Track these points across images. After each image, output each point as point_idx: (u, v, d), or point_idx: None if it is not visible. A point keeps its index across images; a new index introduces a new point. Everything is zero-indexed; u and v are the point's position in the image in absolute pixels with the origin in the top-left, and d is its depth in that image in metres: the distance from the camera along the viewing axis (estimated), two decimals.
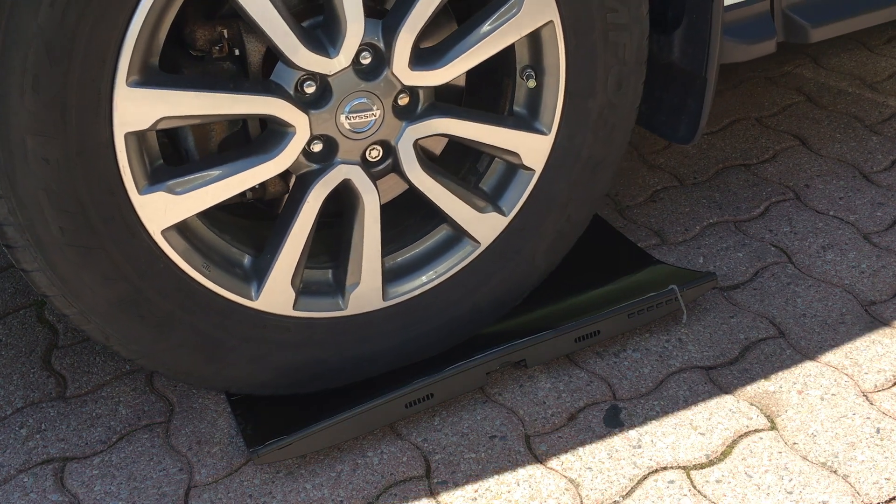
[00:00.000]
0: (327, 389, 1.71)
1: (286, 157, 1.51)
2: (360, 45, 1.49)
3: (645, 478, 1.57)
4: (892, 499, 1.49)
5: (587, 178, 1.73)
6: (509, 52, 1.62)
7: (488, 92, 1.73)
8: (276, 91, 1.47)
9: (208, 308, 1.55)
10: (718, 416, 1.66)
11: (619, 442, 1.63)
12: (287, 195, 1.63)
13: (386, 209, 1.63)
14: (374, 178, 1.59)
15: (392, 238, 1.70)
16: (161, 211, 1.45)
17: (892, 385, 1.69)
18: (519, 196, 1.69)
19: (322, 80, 1.50)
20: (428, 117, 1.59)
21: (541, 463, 1.61)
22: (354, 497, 1.58)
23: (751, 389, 1.71)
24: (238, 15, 1.46)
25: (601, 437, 1.64)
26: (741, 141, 2.39)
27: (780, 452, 1.58)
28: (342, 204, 1.62)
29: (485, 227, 1.69)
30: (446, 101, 1.67)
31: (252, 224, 1.71)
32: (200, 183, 1.47)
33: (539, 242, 1.75)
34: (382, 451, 1.66)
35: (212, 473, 1.64)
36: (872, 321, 1.82)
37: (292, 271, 1.57)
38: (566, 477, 1.58)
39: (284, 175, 1.58)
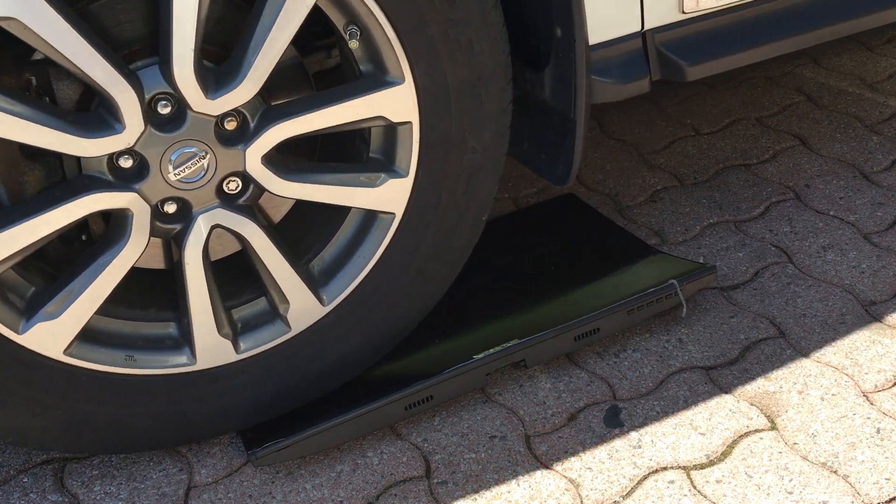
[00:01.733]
0: (325, 392, 1.71)
1: (137, 241, 1.46)
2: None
3: (645, 478, 1.56)
4: (893, 499, 1.49)
5: (445, 235, 1.66)
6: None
7: (342, 145, 1.69)
8: (91, 185, 1.41)
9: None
10: (718, 416, 1.66)
11: (619, 442, 1.63)
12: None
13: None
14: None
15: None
16: None
17: (892, 385, 1.69)
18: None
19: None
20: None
21: (541, 463, 1.61)
22: (354, 497, 1.58)
23: (751, 389, 1.71)
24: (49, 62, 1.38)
25: (601, 437, 1.64)
26: (741, 141, 2.39)
27: (781, 452, 1.58)
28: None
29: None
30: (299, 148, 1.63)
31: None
32: (68, 302, 1.46)
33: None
34: (382, 451, 1.66)
35: (212, 473, 1.64)
36: (872, 321, 1.82)
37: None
38: (566, 477, 1.58)
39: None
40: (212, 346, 1.57)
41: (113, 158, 1.42)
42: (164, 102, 1.41)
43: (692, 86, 2.62)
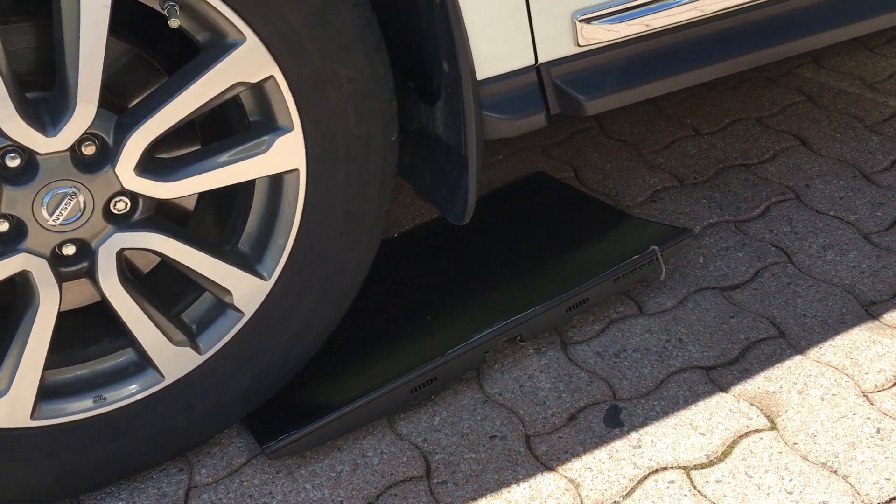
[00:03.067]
0: (330, 382, 1.71)
1: (49, 295, 1.40)
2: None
3: (645, 478, 1.56)
4: (893, 499, 1.49)
5: (299, 334, 1.64)
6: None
7: (218, 219, 1.63)
8: None
9: None
10: (718, 416, 1.66)
11: (619, 442, 1.63)
12: None
13: (63, 315, 1.48)
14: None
15: (55, 349, 1.49)
16: None
17: (892, 385, 1.69)
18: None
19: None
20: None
21: (541, 463, 1.61)
22: (354, 497, 1.58)
23: (751, 389, 1.71)
24: None
25: (601, 437, 1.64)
26: (741, 141, 2.39)
27: (781, 452, 1.58)
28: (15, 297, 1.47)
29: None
30: (171, 219, 1.56)
31: None
32: (12, 372, 1.42)
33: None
34: (382, 451, 1.66)
35: (212, 473, 1.64)
36: (872, 321, 1.82)
37: None
38: (566, 477, 1.58)
39: None
40: (173, 358, 1.54)
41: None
42: (11, 155, 1.34)
43: (692, 86, 2.62)
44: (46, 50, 1.40)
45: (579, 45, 1.60)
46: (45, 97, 1.39)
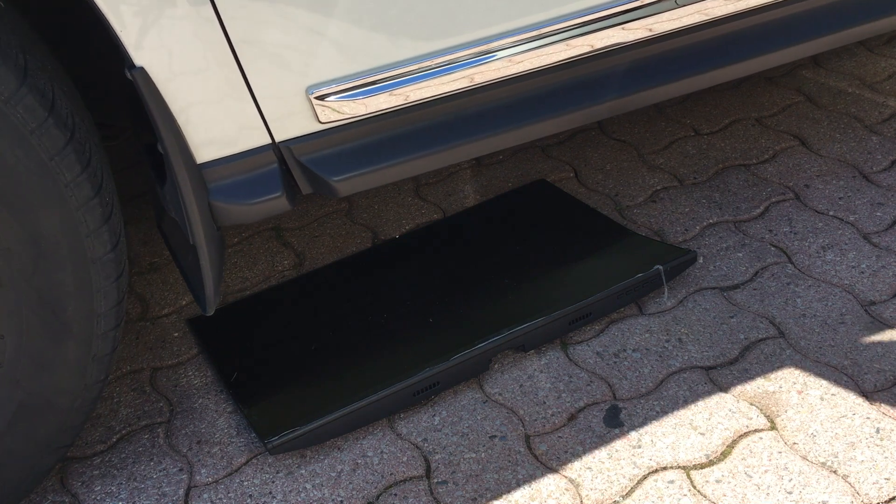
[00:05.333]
0: (332, 381, 1.72)
1: None
2: None
3: (645, 478, 1.57)
4: (892, 499, 1.49)
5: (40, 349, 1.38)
6: None
7: None
8: None
9: None
10: (718, 416, 1.66)
11: (619, 442, 1.63)
12: None
13: None
14: None
15: None
16: None
17: (892, 385, 1.69)
18: None
19: None
20: None
21: (541, 463, 1.61)
22: (354, 497, 1.58)
23: (751, 389, 1.71)
24: None
25: (601, 437, 1.65)
26: (741, 141, 2.39)
27: (780, 452, 1.59)
28: None
29: None
30: None
31: None
32: None
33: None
34: (382, 451, 1.66)
35: (212, 473, 1.64)
36: (872, 321, 1.82)
37: None
38: (566, 477, 1.58)
39: None
40: None
41: None
42: None
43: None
44: None
45: (321, 122, 1.46)
46: None
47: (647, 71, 1.67)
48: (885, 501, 1.49)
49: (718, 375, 1.74)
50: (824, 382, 1.71)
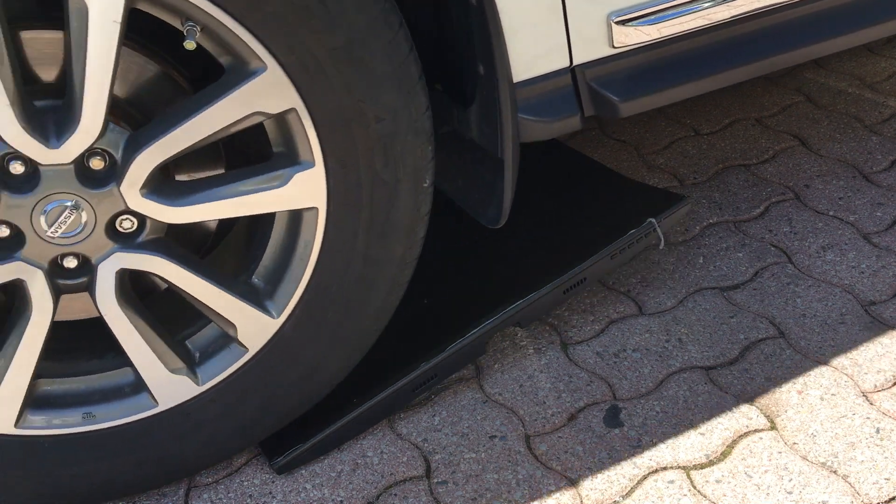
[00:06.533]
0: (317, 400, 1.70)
1: (42, 306, 1.37)
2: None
3: (645, 478, 1.57)
4: (892, 499, 1.49)
5: (304, 378, 1.56)
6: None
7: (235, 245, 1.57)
8: None
9: None
10: (718, 416, 1.66)
11: (619, 442, 1.63)
12: None
13: (60, 324, 1.43)
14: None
15: (55, 357, 1.47)
16: None
17: (892, 385, 1.69)
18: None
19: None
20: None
21: (541, 463, 1.61)
22: (354, 497, 1.58)
23: (751, 389, 1.71)
24: None
25: (601, 437, 1.64)
26: (741, 141, 2.39)
27: (780, 452, 1.58)
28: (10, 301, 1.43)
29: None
30: (190, 241, 1.52)
31: None
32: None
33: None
34: (382, 451, 1.66)
35: (212, 473, 1.64)
36: (872, 321, 1.82)
37: None
38: (566, 477, 1.58)
39: None
40: (168, 385, 1.49)
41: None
42: (14, 162, 1.30)
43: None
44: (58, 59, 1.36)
45: (614, 47, 1.56)
46: (50, 109, 1.34)
47: None
48: (885, 501, 1.49)
49: (718, 375, 1.74)
50: (824, 382, 1.71)
